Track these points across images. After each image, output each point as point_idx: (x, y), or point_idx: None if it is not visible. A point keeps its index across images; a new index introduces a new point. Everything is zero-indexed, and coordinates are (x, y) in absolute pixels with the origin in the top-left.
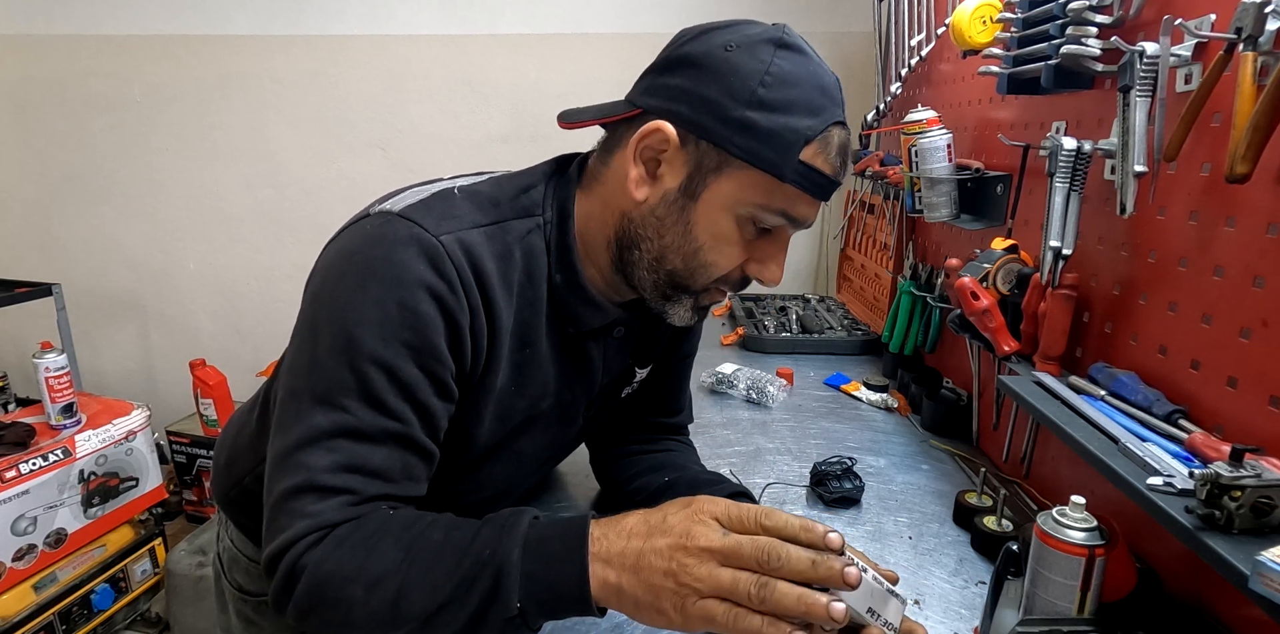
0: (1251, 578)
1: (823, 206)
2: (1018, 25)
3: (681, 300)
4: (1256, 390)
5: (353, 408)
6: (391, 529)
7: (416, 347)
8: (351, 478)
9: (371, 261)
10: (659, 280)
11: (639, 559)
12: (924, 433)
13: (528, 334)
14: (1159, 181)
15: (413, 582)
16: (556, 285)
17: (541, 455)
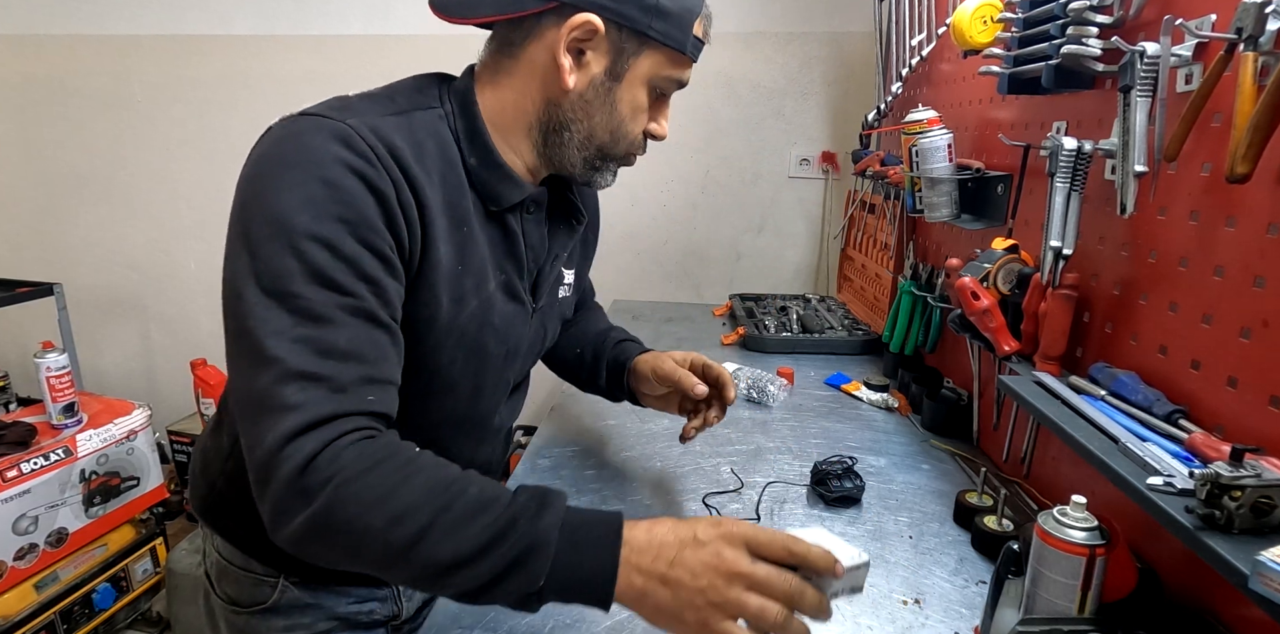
0: (1251, 578)
1: (824, 206)
2: (1018, 25)
3: (608, 168)
4: (1257, 390)
5: (304, 291)
6: (425, 466)
7: (350, 219)
8: (325, 363)
9: (284, 154)
10: (590, 155)
11: (669, 571)
12: (924, 433)
13: (458, 214)
14: (1159, 182)
15: (441, 528)
16: (473, 167)
17: (507, 343)
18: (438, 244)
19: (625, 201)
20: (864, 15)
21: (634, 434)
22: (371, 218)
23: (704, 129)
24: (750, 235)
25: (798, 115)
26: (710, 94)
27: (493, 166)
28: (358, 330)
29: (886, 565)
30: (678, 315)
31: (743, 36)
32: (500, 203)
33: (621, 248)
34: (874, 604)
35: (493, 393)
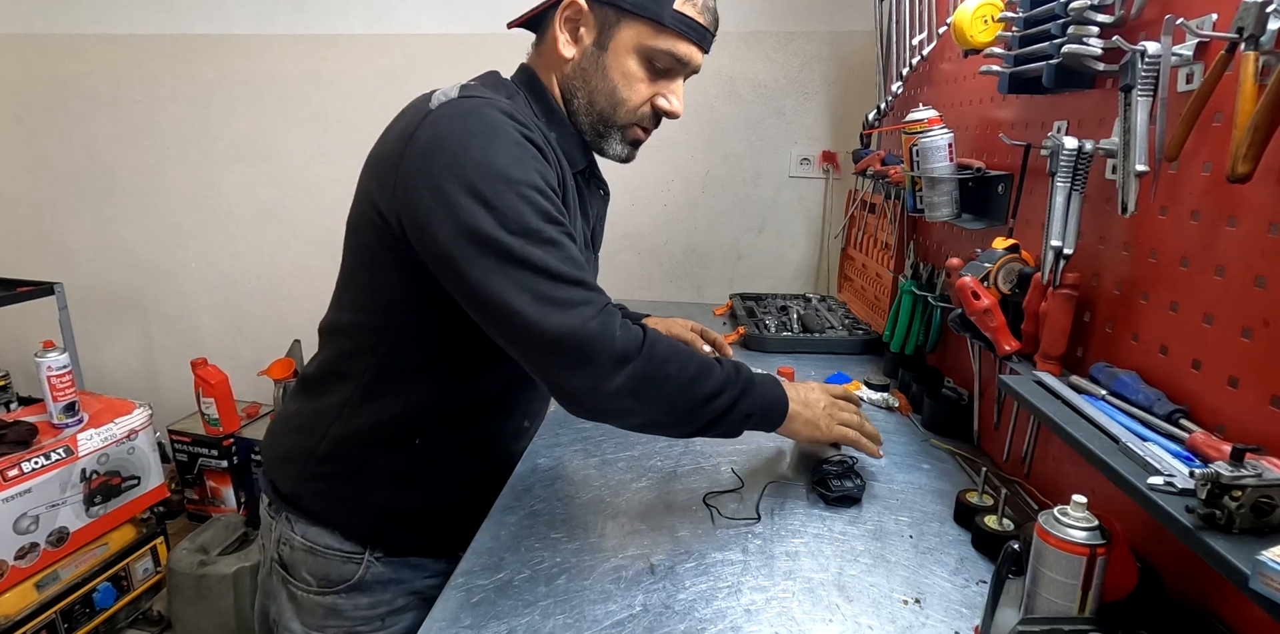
0: (1252, 577)
1: (824, 206)
2: (1019, 25)
3: (612, 135)
4: (1257, 390)
5: (541, 227)
6: (666, 339)
7: (542, 171)
8: (580, 272)
9: (476, 126)
10: (593, 121)
11: (806, 395)
12: (925, 432)
13: (563, 179)
14: (1160, 181)
15: (702, 372)
16: (556, 139)
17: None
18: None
19: (626, 201)
20: (864, 15)
21: (634, 434)
22: (547, 171)
23: (704, 128)
24: (751, 235)
25: (798, 115)
26: (711, 93)
27: (567, 135)
28: (576, 252)
29: (887, 565)
30: (678, 315)
31: (743, 36)
32: (576, 165)
33: (622, 247)
34: (874, 604)
35: None
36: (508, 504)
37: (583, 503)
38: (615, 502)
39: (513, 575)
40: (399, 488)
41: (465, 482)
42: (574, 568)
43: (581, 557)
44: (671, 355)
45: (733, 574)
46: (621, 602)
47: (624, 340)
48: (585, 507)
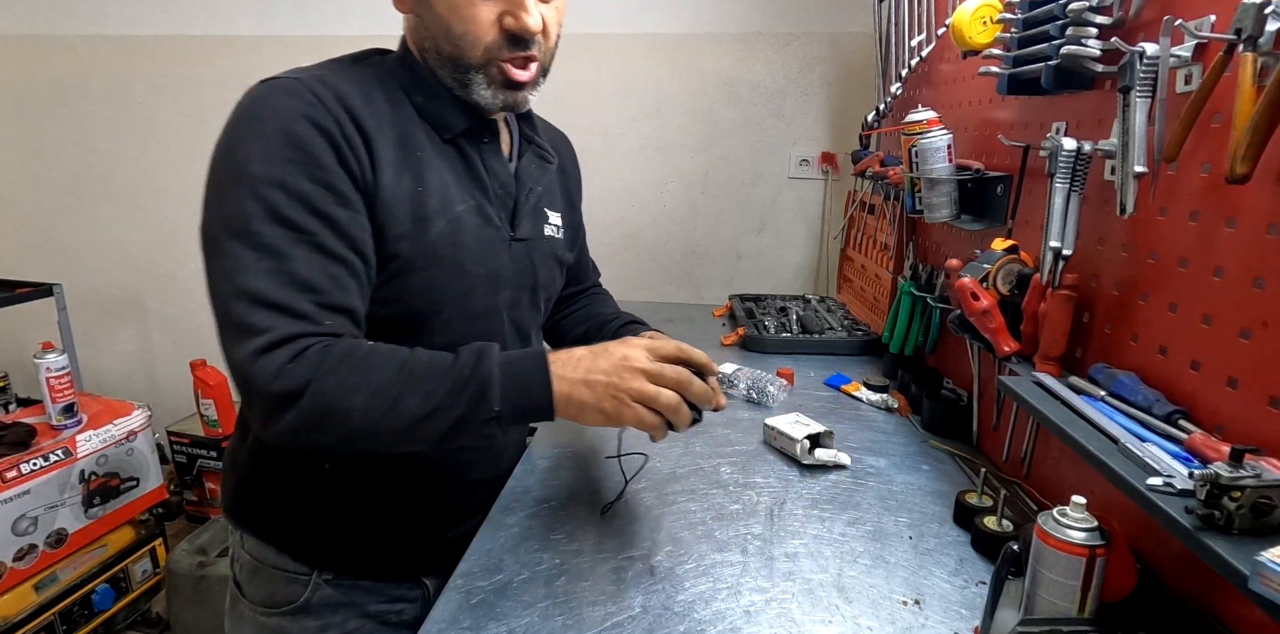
0: (1251, 578)
1: (823, 207)
2: (1018, 26)
3: (472, 80)
4: (1256, 391)
5: (264, 231)
6: (382, 352)
7: (302, 161)
8: (285, 292)
9: (242, 115)
10: (450, 71)
11: (588, 374)
12: (924, 433)
13: (410, 142)
14: (1159, 182)
15: (409, 389)
16: (420, 103)
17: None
18: (386, 168)
19: (625, 202)
20: (864, 16)
21: (634, 434)
22: (319, 155)
23: (704, 130)
24: (750, 236)
25: (797, 116)
26: (710, 95)
27: (435, 97)
28: (311, 263)
29: (886, 566)
30: (678, 316)
31: (742, 37)
32: (450, 129)
33: (621, 248)
34: (874, 605)
35: (485, 321)
36: (507, 505)
37: (582, 504)
38: (615, 503)
39: (512, 577)
40: (332, 505)
41: (403, 500)
42: (573, 569)
43: (581, 558)
44: (359, 383)
45: (732, 575)
46: (621, 603)
47: (286, 380)
48: (585, 508)
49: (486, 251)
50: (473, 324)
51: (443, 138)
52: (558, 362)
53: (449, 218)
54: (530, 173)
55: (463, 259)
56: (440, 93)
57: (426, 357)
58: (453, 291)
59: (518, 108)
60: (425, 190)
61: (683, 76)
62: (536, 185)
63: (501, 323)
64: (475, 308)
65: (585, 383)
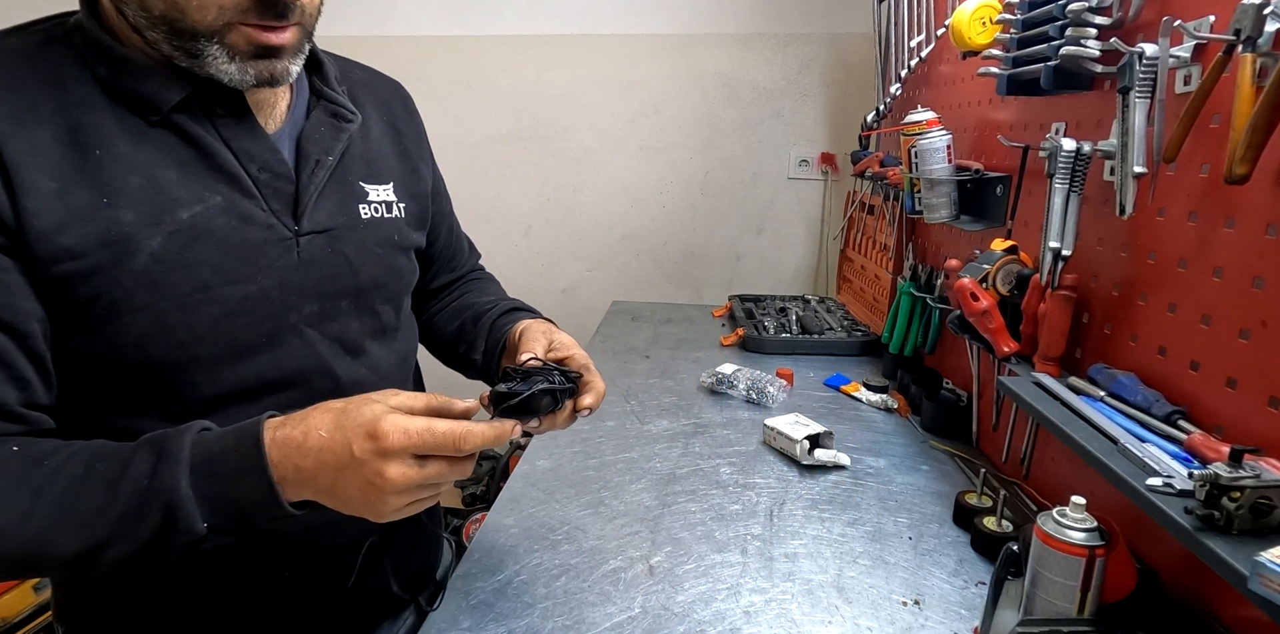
0: (1251, 578)
1: (823, 208)
2: (1017, 26)
3: (208, 51)
4: (1256, 391)
5: None
6: (12, 470)
7: None
8: None
9: None
10: (166, 35)
11: (330, 493)
12: (924, 434)
13: (87, 138)
14: (1158, 183)
15: (52, 525)
16: (106, 78)
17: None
18: (36, 184)
19: (624, 203)
20: (863, 16)
21: (634, 435)
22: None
23: (703, 130)
24: (750, 236)
25: (797, 116)
26: (709, 95)
27: (126, 66)
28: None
29: (886, 566)
30: (677, 316)
31: (741, 38)
32: (155, 106)
33: (621, 249)
34: (873, 605)
35: (277, 351)
36: (507, 506)
37: (582, 505)
38: (614, 503)
39: (511, 577)
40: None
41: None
42: (573, 570)
43: (580, 558)
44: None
45: (732, 576)
46: (621, 603)
47: None
48: (584, 508)
49: (254, 261)
50: (258, 361)
51: (148, 120)
52: (284, 468)
53: (170, 229)
54: (317, 141)
55: (209, 280)
56: (130, 60)
57: (83, 466)
58: (204, 327)
59: (278, 81)
60: (115, 201)
61: (682, 77)
62: (328, 156)
63: (309, 346)
64: (252, 339)
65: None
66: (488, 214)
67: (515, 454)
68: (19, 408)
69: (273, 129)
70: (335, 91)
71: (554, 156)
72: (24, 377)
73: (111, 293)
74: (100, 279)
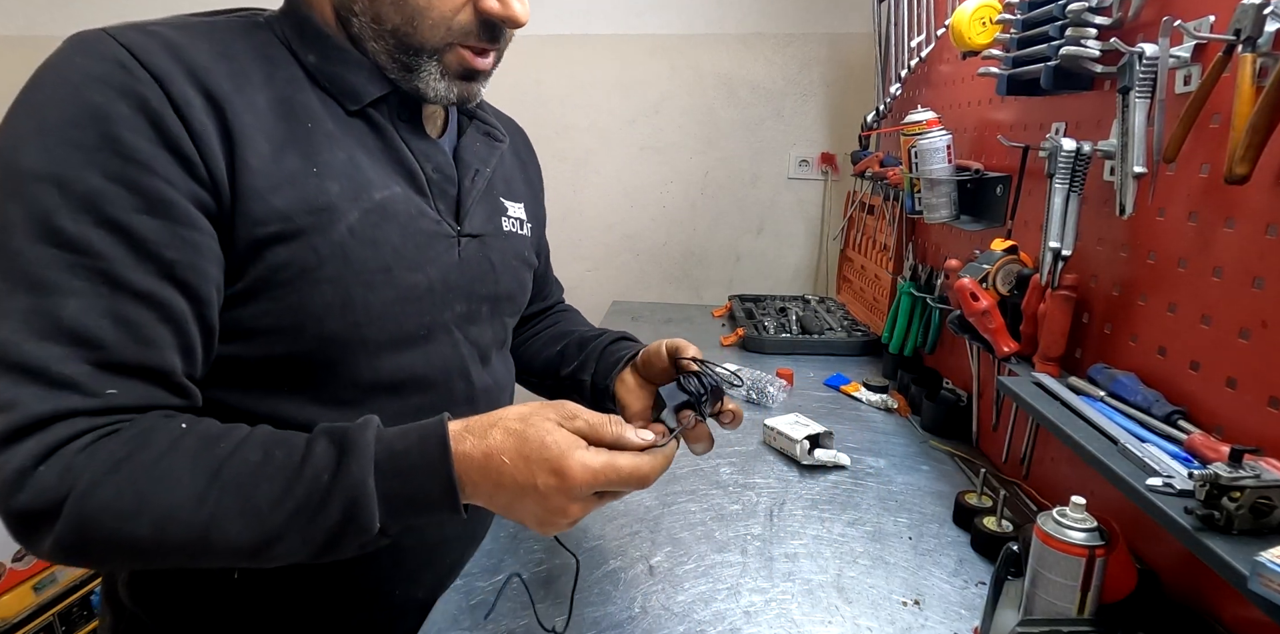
0: (1251, 578)
1: (823, 208)
2: (1017, 26)
3: (425, 67)
4: (1256, 391)
5: (23, 248)
6: (187, 447)
7: (94, 146)
8: (39, 346)
9: (27, 87)
10: (390, 47)
11: (508, 511)
12: (924, 434)
13: (295, 110)
14: (1158, 182)
15: (226, 512)
16: (313, 65)
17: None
18: (254, 142)
19: (624, 203)
20: (863, 16)
21: None
22: (126, 137)
23: (703, 130)
24: (750, 236)
25: (797, 116)
26: (709, 95)
27: (336, 58)
28: (92, 301)
29: (886, 567)
30: (677, 316)
31: (742, 38)
32: (357, 97)
33: (621, 249)
34: (873, 605)
35: (430, 347)
36: None
37: None
38: (614, 503)
39: (512, 577)
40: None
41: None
42: (573, 569)
43: (580, 558)
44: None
45: (732, 576)
46: (620, 603)
47: (29, 493)
48: None
49: (425, 252)
50: (412, 354)
51: (347, 110)
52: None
53: (366, 206)
54: (475, 152)
55: (391, 263)
56: (344, 52)
57: (260, 452)
58: (379, 309)
59: (471, 101)
60: (323, 171)
61: (682, 77)
62: (485, 167)
63: (454, 347)
64: (413, 330)
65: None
66: None
67: None
68: (184, 379)
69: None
70: (486, 114)
71: (554, 156)
72: (192, 346)
73: (306, 260)
74: (299, 245)
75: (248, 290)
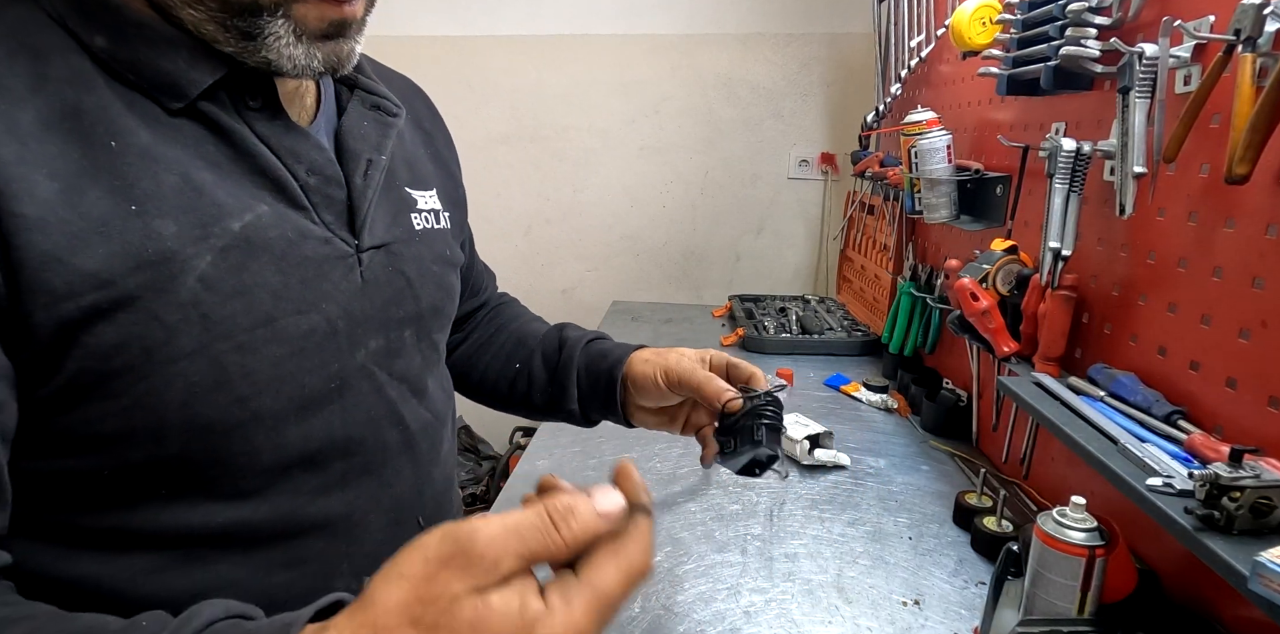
0: (1251, 578)
1: (823, 208)
2: (1017, 26)
3: (269, 29)
4: (1256, 391)
5: None
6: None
7: None
8: None
9: None
10: (213, 10)
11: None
12: (924, 434)
13: (90, 124)
14: (1158, 182)
15: None
16: (103, 48)
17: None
18: (28, 185)
19: (624, 203)
20: (863, 16)
21: (634, 435)
22: None
23: (703, 130)
24: (749, 236)
25: (797, 116)
26: (709, 95)
27: (138, 37)
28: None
29: (886, 567)
30: (677, 317)
31: (741, 38)
32: (179, 89)
33: (620, 249)
34: (873, 605)
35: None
36: (506, 506)
37: None
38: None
39: None
40: None
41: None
42: None
43: None
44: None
45: (732, 576)
46: None
47: None
48: None
49: (316, 285)
50: (324, 415)
51: (168, 109)
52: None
53: (221, 244)
54: (363, 136)
55: (271, 311)
56: (148, 27)
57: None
58: (267, 373)
59: (344, 67)
60: (146, 206)
61: (682, 77)
62: (378, 154)
63: (377, 392)
64: (319, 386)
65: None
66: (488, 214)
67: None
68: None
69: (304, 125)
70: (372, 79)
71: (554, 156)
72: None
73: (147, 335)
74: (132, 316)
75: (69, 390)
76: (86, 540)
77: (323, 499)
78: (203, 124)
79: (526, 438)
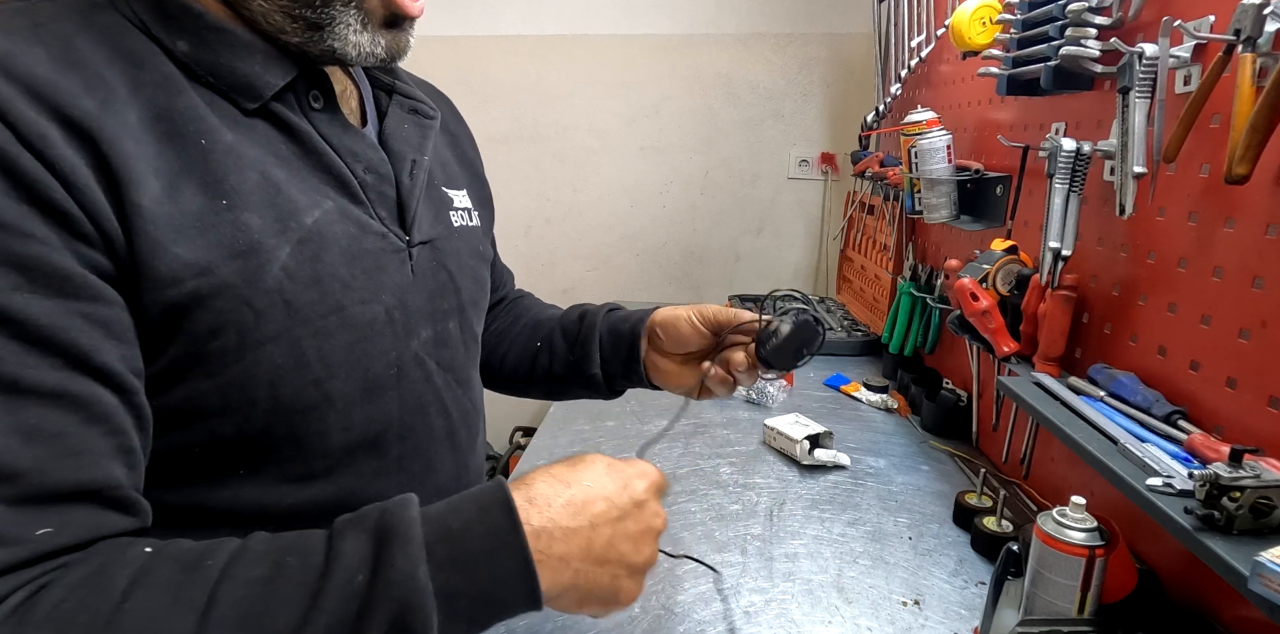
0: (1251, 578)
1: (823, 208)
2: (1017, 26)
3: (341, 17)
4: (1255, 391)
5: None
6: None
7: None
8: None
9: None
10: (286, 4)
11: (606, 552)
12: (924, 434)
13: (183, 124)
14: (1158, 182)
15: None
16: (185, 53)
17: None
18: (143, 178)
19: (624, 203)
20: (863, 16)
21: (634, 435)
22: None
23: (703, 130)
24: (749, 236)
25: (797, 116)
26: (709, 95)
27: (217, 41)
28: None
29: (886, 567)
30: None
31: (741, 38)
32: (255, 91)
33: (621, 249)
34: (873, 606)
35: (402, 389)
36: None
37: None
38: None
39: None
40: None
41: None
42: None
43: None
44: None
45: (732, 576)
46: None
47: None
48: None
49: (376, 276)
50: (385, 399)
51: (243, 110)
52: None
53: (298, 237)
54: (406, 138)
55: (341, 299)
56: (226, 32)
57: (262, 567)
58: (339, 357)
59: (401, 56)
60: (235, 202)
61: (682, 77)
62: (421, 154)
63: (427, 380)
64: (380, 373)
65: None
66: None
67: (515, 454)
68: (131, 491)
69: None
70: (409, 84)
71: (554, 156)
72: (131, 447)
73: (240, 319)
74: (226, 302)
75: (172, 369)
76: (168, 517)
77: (380, 481)
78: (273, 124)
79: (526, 438)
